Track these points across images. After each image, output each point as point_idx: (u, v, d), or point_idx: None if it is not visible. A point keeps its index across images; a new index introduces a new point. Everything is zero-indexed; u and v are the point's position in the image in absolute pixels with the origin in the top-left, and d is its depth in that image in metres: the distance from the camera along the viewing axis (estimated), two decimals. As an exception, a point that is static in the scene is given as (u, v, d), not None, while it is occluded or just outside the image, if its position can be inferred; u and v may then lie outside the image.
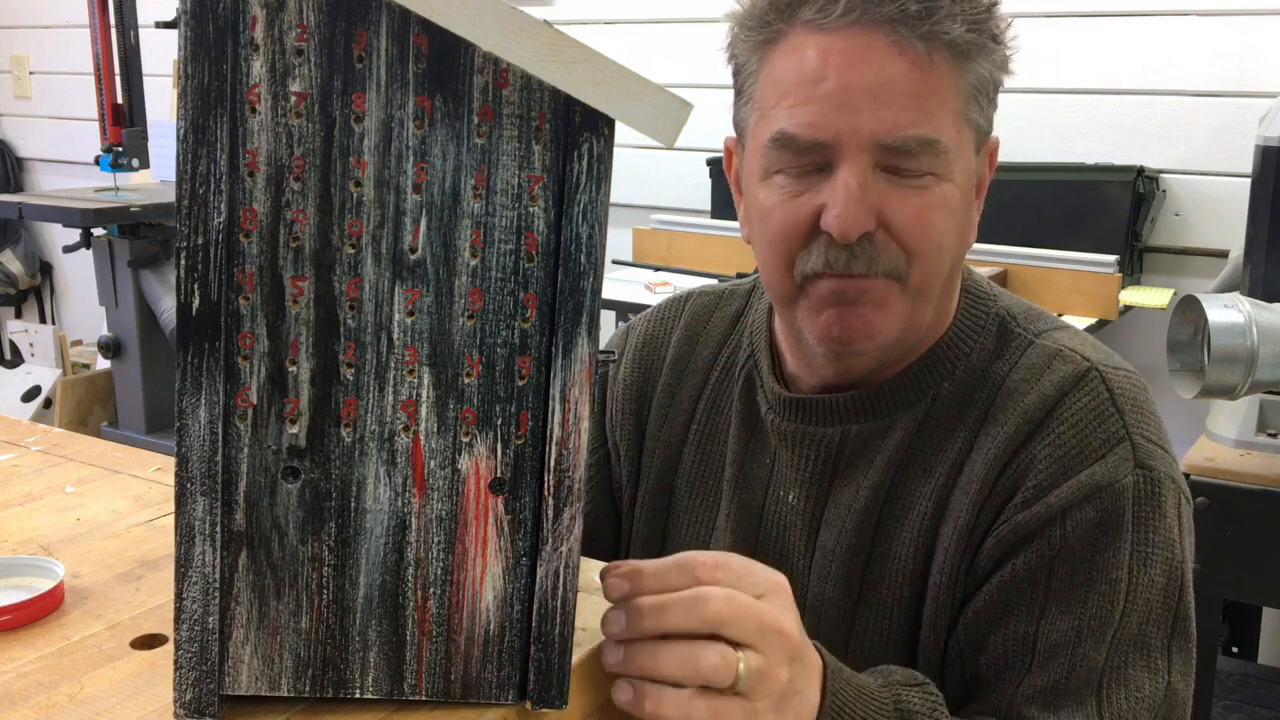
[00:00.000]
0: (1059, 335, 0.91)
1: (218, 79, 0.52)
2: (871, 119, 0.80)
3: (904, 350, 0.89)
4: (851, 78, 0.80)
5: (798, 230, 0.84)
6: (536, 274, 0.56)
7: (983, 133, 0.87)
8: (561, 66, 0.53)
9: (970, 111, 0.84)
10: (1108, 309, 2.21)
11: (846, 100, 0.80)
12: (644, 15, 2.90)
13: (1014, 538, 0.83)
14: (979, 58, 0.83)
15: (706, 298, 1.08)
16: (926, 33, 0.79)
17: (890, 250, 0.83)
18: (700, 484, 1.00)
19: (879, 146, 0.81)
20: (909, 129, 0.80)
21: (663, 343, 1.07)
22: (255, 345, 0.55)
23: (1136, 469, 0.83)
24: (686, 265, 2.68)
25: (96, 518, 0.84)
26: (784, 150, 0.84)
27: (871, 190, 0.82)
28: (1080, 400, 0.86)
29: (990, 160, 0.91)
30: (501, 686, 0.60)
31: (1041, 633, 0.81)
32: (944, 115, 0.82)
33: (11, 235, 4.38)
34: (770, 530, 0.95)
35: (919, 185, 0.82)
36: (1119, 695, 0.79)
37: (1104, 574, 0.81)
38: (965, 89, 0.83)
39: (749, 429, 0.98)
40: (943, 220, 0.84)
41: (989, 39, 0.83)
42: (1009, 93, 0.91)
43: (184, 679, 0.57)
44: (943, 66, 0.81)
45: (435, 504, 0.58)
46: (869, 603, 0.90)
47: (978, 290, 0.94)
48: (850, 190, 0.81)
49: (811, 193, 0.84)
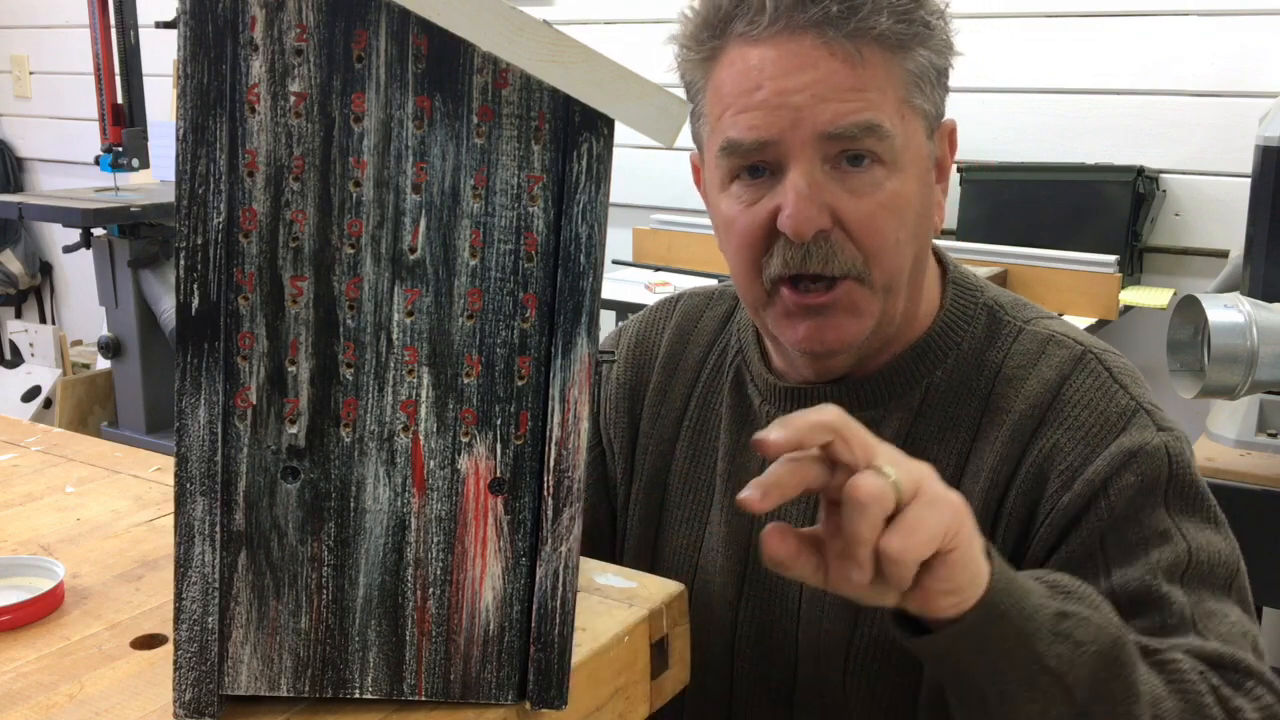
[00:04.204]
0: (1048, 323, 0.94)
1: (217, 79, 0.52)
2: (811, 113, 0.82)
3: (881, 342, 0.91)
4: (786, 82, 0.83)
5: (758, 235, 0.87)
6: (536, 274, 0.56)
7: (932, 117, 0.88)
8: (561, 67, 0.53)
9: (914, 99, 0.86)
10: (1108, 309, 2.21)
11: (785, 101, 0.83)
12: (644, 15, 2.90)
13: (1063, 521, 0.84)
14: (914, 46, 0.85)
15: (697, 298, 1.11)
16: (853, 30, 0.81)
17: (847, 250, 0.85)
18: (693, 480, 1.01)
19: (822, 138, 0.83)
20: (849, 116, 0.82)
21: (654, 342, 1.08)
22: (255, 345, 0.55)
23: (1160, 431, 0.86)
24: (686, 265, 2.68)
25: (96, 518, 0.84)
26: (732, 157, 0.87)
27: (823, 188, 0.84)
28: (1083, 381, 0.88)
29: (949, 143, 0.93)
30: (501, 687, 0.60)
31: (1116, 587, 0.82)
32: (885, 103, 0.84)
33: (11, 235, 4.38)
34: (764, 523, 0.96)
35: (870, 181, 0.84)
36: (1214, 625, 0.80)
37: (1154, 528, 0.83)
38: (904, 78, 0.85)
39: (740, 423, 0.99)
40: (897, 218, 0.86)
41: (921, 27, 0.84)
42: (1009, 93, 0.92)
43: (183, 679, 0.57)
44: (876, 59, 0.83)
45: (435, 504, 0.58)
46: None
47: (965, 281, 0.96)
48: (799, 189, 0.83)
49: (767, 198, 0.86)
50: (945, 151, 0.92)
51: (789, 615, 0.94)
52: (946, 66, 0.88)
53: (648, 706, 0.72)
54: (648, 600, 0.72)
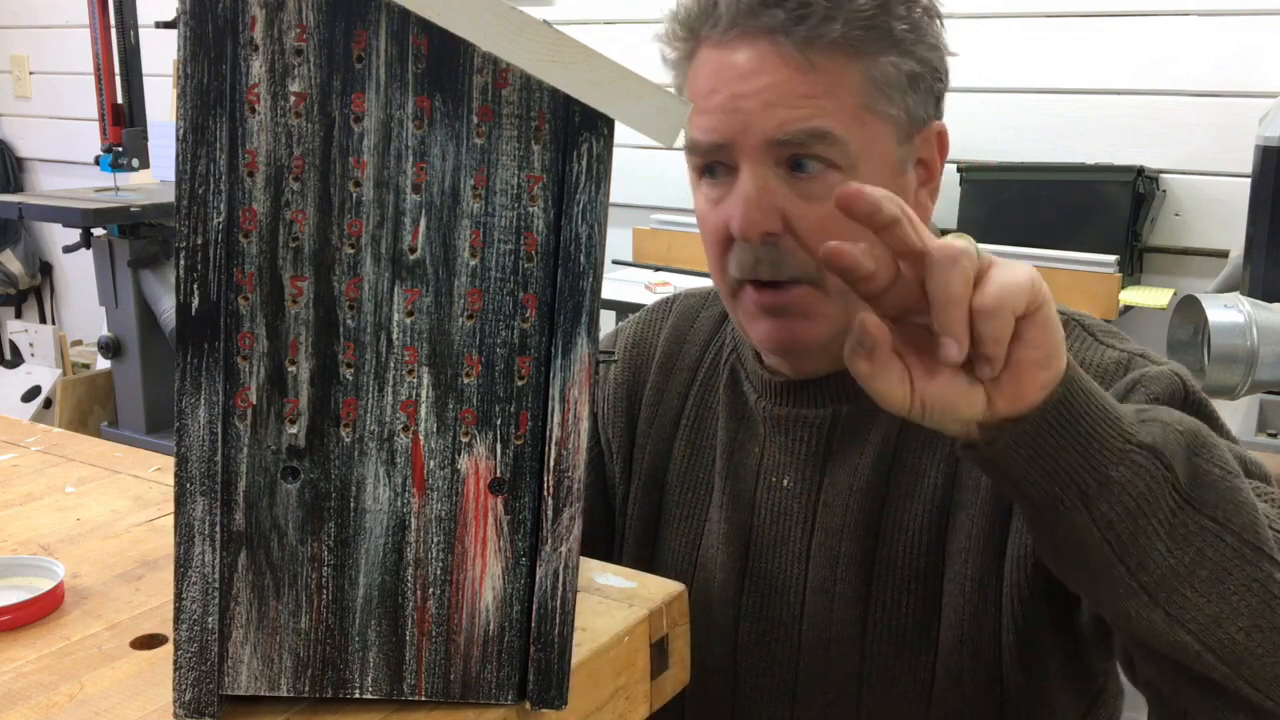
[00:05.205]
0: None
1: (217, 79, 0.52)
2: (760, 119, 0.84)
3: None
4: (740, 87, 0.84)
5: (721, 234, 0.89)
6: (536, 274, 0.56)
7: (904, 123, 0.88)
8: (561, 67, 0.53)
9: (877, 105, 0.85)
10: (1108, 309, 2.21)
11: (737, 106, 0.85)
12: (644, 15, 2.90)
13: None
14: (876, 53, 0.85)
15: (693, 299, 1.11)
16: (803, 38, 0.83)
17: (798, 256, 0.86)
18: (691, 478, 1.02)
19: (771, 144, 0.84)
20: (796, 124, 0.83)
21: (651, 342, 1.09)
22: (254, 345, 0.55)
23: (1160, 366, 0.84)
24: (686, 265, 2.69)
25: (96, 518, 0.84)
26: (693, 156, 0.90)
27: (773, 192, 0.85)
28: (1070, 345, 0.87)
29: (940, 146, 0.92)
30: (501, 687, 0.60)
31: None
32: (837, 110, 0.84)
33: (11, 235, 4.38)
34: (764, 518, 0.96)
35: (824, 187, 0.84)
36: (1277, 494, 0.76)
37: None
38: (864, 84, 0.85)
39: (737, 420, 1.00)
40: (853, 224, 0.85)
41: (883, 34, 0.84)
42: (1009, 93, 0.93)
43: (183, 679, 0.57)
44: (828, 66, 0.84)
45: (435, 504, 0.58)
46: (883, 577, 0.91)
47: None
48: (746, 192, 0.85)
49: (728, 199, 0.88)
50: (933, 155, 0.92)
51: (791, 610, 0.94)
52: (925, 72, 0.88)
53: (648, 706, 0.72)
54: (648, 600, 0.72)
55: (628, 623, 0.70)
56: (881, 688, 0.90)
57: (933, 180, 0.92)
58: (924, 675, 0.89)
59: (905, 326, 0.65)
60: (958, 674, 0.88)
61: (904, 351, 0.65)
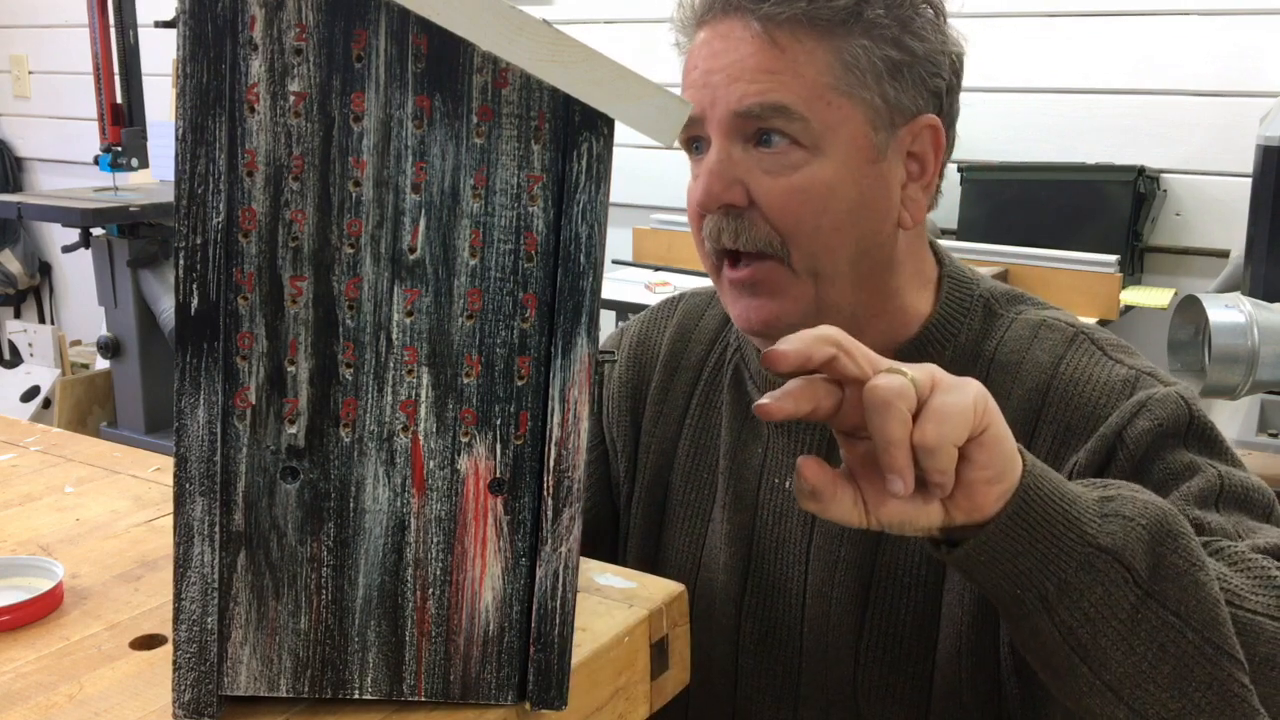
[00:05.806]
0: (1040, 310, 0.95)
1: (216, 79, 0.52)
2: (725, 93, 0.87)
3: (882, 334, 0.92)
4: (713, 63, 0.88)
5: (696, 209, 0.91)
6: (536, 274, 0.56)
7: (882, 108, 0.87)
8: (561, 66, 0.53)
9: (848, 86, 0.86)
10: (1108, 309, 2.21)
11: (707, 81, 0.88)
12: (644, 15, 2.90)
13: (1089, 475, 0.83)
14: (846, 35, 0.85)
15: (698, 298, 1.12)
16: (766, 14, 0.85)
17: (760, 228, 0.87)
18: (695, 478, 1.02)
19: (733, 116, 0.86)
20: (754, 97, 0.85)
21: (656, 341, 1.09)
22: (254, 345, 0.55)
23: (1168, 387, 0.86)
24: (686, 265, 2.68)
25: (96, 518, 0.84)
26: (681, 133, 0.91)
27: (736, 164, 0.87)
28: (1078, 359, 0.89)
29: (934, 141, 0.90)
30: (501, 687, 0.60)
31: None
32: (799, 86, 0.85)
33: (11, 235, 4.38)
34: (766, 519, 0.96)
35: (786, 163, 0.86)
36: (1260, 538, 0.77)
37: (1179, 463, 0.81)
38: (832, 64, 0.85)
39: (740, 420, 1.00)
40: (815, 202, 0.87)
41: (852, 17, 0.85)
42: (1009, 93, 0.92)
43: (183, 679, 0.57)
44: (791, 43, 0.85)
45: (434, 504, 0.58)
46: (882, 584, 0.90)
47: (960, 275, 0.97)
48: (709, 163, 0.88)
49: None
50: (926, 149, 0.90)
51: (793, 612, 0.94)
52: (912, 62, 0.87)
53: (648, 707, 0.71)
54: (648, 600, 0.72)
55: (628, 623, 0.69)
56: (877, 694, 0.90)
57: (925, 175, 0.91)
58: (921, 684, 0.89)
59: (859, 442, 0.66)
60: (956, 684, 0.88)
61: (858, 473, 0.66)
